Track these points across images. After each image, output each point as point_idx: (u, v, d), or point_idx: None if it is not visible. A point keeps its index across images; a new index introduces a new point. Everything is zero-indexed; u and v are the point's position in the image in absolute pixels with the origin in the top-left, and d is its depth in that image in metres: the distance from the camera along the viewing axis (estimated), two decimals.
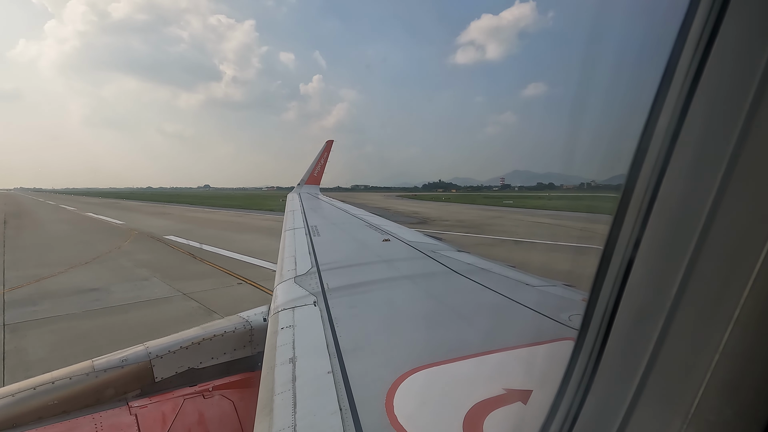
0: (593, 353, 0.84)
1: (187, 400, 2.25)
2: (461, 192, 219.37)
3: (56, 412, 2.06)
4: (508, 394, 1.53)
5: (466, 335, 2.14)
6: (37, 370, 3.84)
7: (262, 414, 1.52)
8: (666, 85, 0.69)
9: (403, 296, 2.92)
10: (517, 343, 2.01)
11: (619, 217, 0.79)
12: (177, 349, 2.46)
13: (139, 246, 20.02)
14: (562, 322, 2.20)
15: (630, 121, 0.77)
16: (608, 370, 0.81)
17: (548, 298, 2.79)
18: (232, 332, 2.70)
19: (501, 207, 49.50)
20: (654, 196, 0.71)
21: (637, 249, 0.74)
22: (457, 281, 3.20)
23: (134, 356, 2.35)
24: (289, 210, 8.98)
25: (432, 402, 1.53)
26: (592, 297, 0.85)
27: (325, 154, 17.72)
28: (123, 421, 2.07)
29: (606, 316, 0.81)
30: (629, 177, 0.75)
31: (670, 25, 0.66)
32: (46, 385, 2.10)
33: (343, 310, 2.47)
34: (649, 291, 0.73)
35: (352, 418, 1.41)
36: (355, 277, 3.32)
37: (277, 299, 2.81)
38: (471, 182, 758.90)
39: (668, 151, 0.69)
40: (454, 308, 2.57)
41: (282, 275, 3.42)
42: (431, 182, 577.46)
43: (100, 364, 2.26)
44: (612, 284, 0.80)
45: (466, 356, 1.84)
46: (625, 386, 0.74)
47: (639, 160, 0.73)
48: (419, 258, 4.09)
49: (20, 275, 13.70)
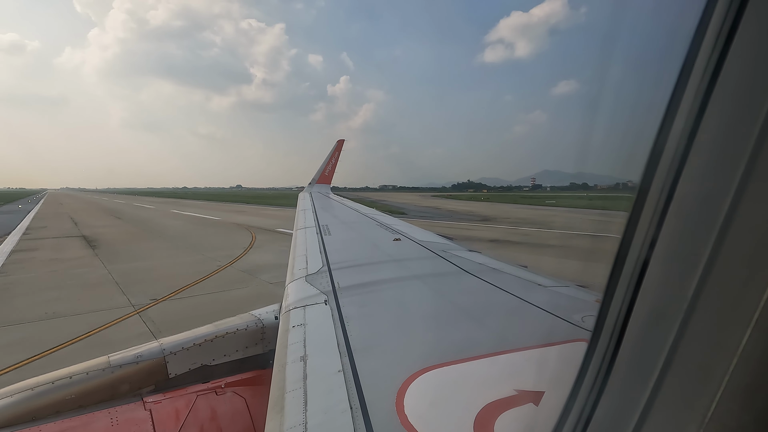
0: (607, 355, 0.82)
1: (200, 397, 2.29)
2: (493, 192, 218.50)
3: (73, 406, 2.11)
4: (520, 395, 1.52)
5: (477, 335, 2.13)
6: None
7: (274, 411, 1.54)
8: (686, 82, 0.68)
9: (414, 296, 2.91)
10: (529, 344, 1.99)
11: (633, 217, 0.77)
12: (190, 346, 2.50)
13: (268, 237, 22.66)
14: (575, 323, 2.17)
15: (647, 120, 0.76)
16: (622, 372, 0.79)
17: (561, 299, 2.76)
18: (245, 330, 2.72)
19: (545, 207, 48.90)
20: (670, 196, 0.70)
21: (652, 250, 0.73)
22: (468, 281, 3.18)
23: (149, 352, 2.40)
24: (301, 209, 9.03)
25: (443, 402, 1.53)
26: (605, 298, 0.84)
27: (336, 153, 17.76)
28: (138, 416, 2.11)
29: (620, 318, 0.80)
30: (644, 176, 0.74)
31: (703, 21, 0.64)
32: (64, 380, 2.15)
33: (353, 309, 2.48)
34: (664, 293, 0.72)
35: (362, 416, 1.41)
36: (366, 276, 3.32)
37: (288, 298, 2.83)
38: (499, 182, 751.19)
39: (685, 149, 0.67)
40: (464, 308, 2.56)
41: (293, 274, 3.44)
42: (460, 182, 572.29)
43: (115, 360, 2.31)
44: (626, 285, 0.79)
45: (477, 356, 1.83)
46: (640, 389, 0.73)
47: (654, 159, 0.72)
48: (430, 257, 4.07)
49: (221, 255, 16.33)
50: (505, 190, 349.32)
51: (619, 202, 0.78)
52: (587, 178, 4.01)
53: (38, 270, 14.62)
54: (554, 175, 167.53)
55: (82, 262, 16.02)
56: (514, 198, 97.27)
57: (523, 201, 74.63)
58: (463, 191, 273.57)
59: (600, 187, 1.80)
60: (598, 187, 2.54)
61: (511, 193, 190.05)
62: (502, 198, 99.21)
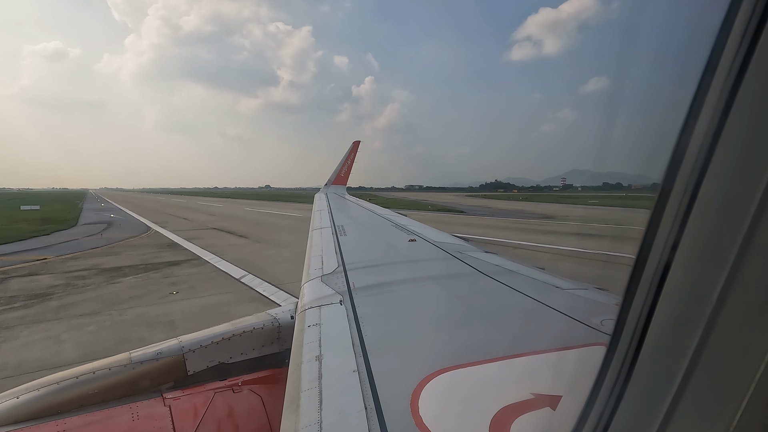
0: (626, 360, 0.80)
1: (217, 394, 2.33)
2: (524, 192, 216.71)
3: (96, 400, 2.17)
4: (536, 399, 1.49)
5: (493, 338, 2.11)
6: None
7: (289, 410, 1.55)
8: (711, 79, 0.66)
9: (429, 297, 2.90)
10: (546, 347, 1.96)
11: (655, 218, 0.75)
12: (208, 344, 2.54)
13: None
14: (593, 326, 2.13)
15: (672, 117, 0.74)
16: (642, 378, 0.77)
17: (579, 302, 2.71)
18: (261, 329, 2.76)
19: (591, 206, 48.42)
20: (694, 196, 0.68)
21: (674, 252, 0.71)
22: (484, 282, 3.15)
23: (168, 350, 2.45)
24: (317, 210, 9.10)
25: (458, 404, 1.52)
26: (625, 301, 0.82)
27: (352, 154, 17.85)
28: (157, 411, 2.15)
29: (640, 322, 0.78)
30: (666, 175, 0.72)
31: (730, 17, 0.62)
32: (87, 375, 2.22)
33: (368, 309, 2.48)
34: (688, 296, 0.70)
35: (377, 417, 1.41)
36: (381, 276, 3.33)
37: (304, 297, 2.86)
38: (526, 182, 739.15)
39: (710, 148, 0.65)
40: (480, 310, 2.53)
41: (309, 274, 3.47)
42: (488, 182, 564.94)
43: (136, 357, 2.37)
44: (647, 289, 0.77)
45: (492, 359, 1.81)
46: (661, 396, 0.71)
47: (677, 158, 0.70)
48: (445, 258, 4.05)
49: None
50: (535, 190, 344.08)
51: (651, 201, 0.76)
52: (618, 178, 3.90)
53: (239, 251, 16.97)
54: (583, 175, 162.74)
55: (257, 247, 18.12)
56: (551, 197, 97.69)
57: (563, 200, 74.93)
58: (492, 191, 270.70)
59: (634, 186, 1.75)
60: (632, 186, 2.47)
61: (542, 193, 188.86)
62: (538, 197, 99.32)
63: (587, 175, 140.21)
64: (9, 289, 11.86)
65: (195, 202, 72.43)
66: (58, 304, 10.37)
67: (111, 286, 12.18)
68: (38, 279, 13.23)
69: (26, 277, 13.61)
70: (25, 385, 2.18)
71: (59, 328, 8.52)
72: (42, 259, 16.69)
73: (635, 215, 0.84)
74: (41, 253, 18.05)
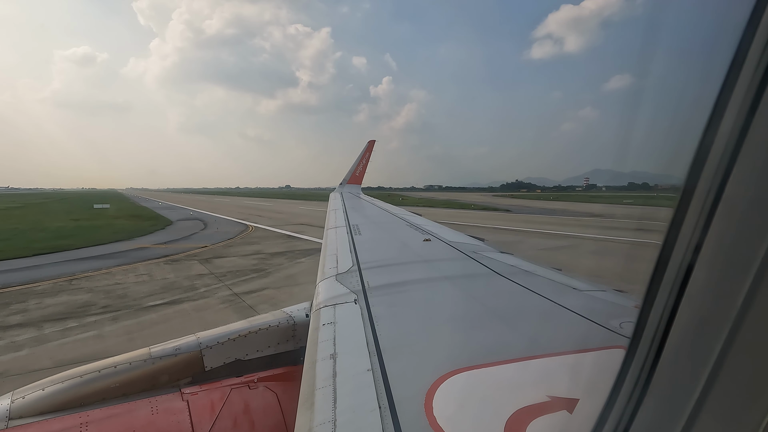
0: (646, 364, 0.79)
1: (233, 390, 2.36)
2: (547, 192, 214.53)
3: (117, 394, 2.23)
4: (553, 401, 1.47)
5: (509, 339, 2.08)
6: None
7: (304, 407, 1.57)
8: (737, 76, 0.64)
9: (444, 297, 2.89)
10: (563, 349, 1.93)
11: (677, 219, 0.73)
12: (225, 341, 2.59)
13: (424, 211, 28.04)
14: (612, 329, 2.09)
15: (693, 118, 0.72)
16: (663, 382, 0.76)
17: (597, 304, 2.66)
18: (276, 326, 2.79)
19: (627, 205, 48.43)
20: (718, 197, 0.66)
21: (697, 253, 0.69)
22: (500, 283, 3.12)
23: (186, 346, 2.50)
24: (332, 209, 9.14)
25: (472, 405, 1.51)
26: (646, 304, 0.80)
27: (366, 154, 17.86)
28: (176, 406, 2.20)
29: (662, 325, 0.76)
30: (689, 175, 0.70)
31: (756, 14, 0.60)
32: (109, 369, 2.28)
33: (383, 308, 2.48)
34: (710, 300, 0.68)
35: (390, 416, 1.41)
36: (396, 276, 3.33)
37: (319, 296, 2.88)
38: (546, 182, 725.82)
39: (735, 148, 0.63)
40: (496, 311, 2.51)
41: (324, 273, 3.49)
42: (509, 182, 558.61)
43: (156, 352, 2.43)
44: (668, 291, 0.75)
45: (508, 360, 1.79)
46: (682, 402, 0.69)
47: (700, 158, 0.68)
48: (460, 258, 4.03)
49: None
50: (558, 190, 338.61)
51: (674, 201, 0.74)
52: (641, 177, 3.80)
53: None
54: (605, 174, 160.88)
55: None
56: (580, 197, 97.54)
57: (593, 200, 75.06)
58: (514, 191, 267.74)
59: (661, 186, 1.70)
60: (659, 186, 2.40)
61: (566, 193, 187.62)
62: (566, 197, 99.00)
63: (609, 174, 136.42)
64: (224, 266, 15.05)
65: (242, 201, 75.03)
66: (286, 275, 13.58)
67: (299, 264, 15.03)
68: (233, 260, 16.11)
69: (220, 258, 16.55)
70: (51, 377, 2.25)
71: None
72: (204, 247, 19.73)
73: (669, 215, 0.83)
74: (186, 243, 21.35)
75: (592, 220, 33.68)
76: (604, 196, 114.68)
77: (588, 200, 76.75)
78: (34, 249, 19.46)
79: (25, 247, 20.09)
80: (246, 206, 58.38)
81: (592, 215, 39.51)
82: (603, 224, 26.93)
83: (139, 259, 17.19)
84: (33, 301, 11.13)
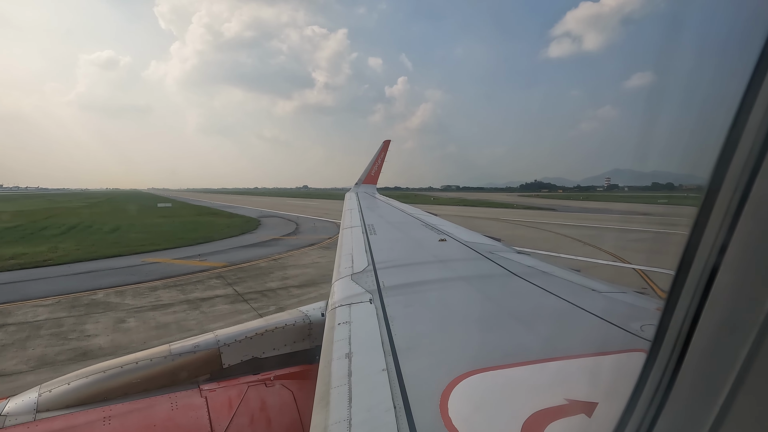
0: (668, 368, 0.77)
1: (251, 387, 2.39)
2: (568, 192, 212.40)
3: (139, 389, 2.29)
4: (571, 404, 1.45)
5: (526, 340, 2.06)
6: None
7: (320, 406, 1.58)
8: (765, 73, 0.61)
9: (460, 297, 2.87)
10: (581, 351, 1.89)
11: (701, 219, 0.71)
12: (242, 339, 2.63)
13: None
14: (632, 332, 2.04)
15: (717, 116, 0.69)
16: (686, 388, 0.73)
17: (617, 306, 2.60)
18: (293, 325, 2.82)
19: (662, 204, 48.59)
20: (744, 197, 0.64)
21: (723, 255, 0.67)
22: (517, 284, 3.09)
23: (205, 343, 2.55)
24: (347, 209, 9.18)
25: (488, 407, 1.50)
26: (668, 306, 0.78)
27: (382, 154, 17.87)
28: (195, 402, 2.24)
29: (684, 328, 0.74)
30: (714, 175, 0.68)
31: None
32: (131, 365, 2.35)
33: (398, 308, 2.48)
34: (737, 302, 0.66)
35: (406, 416, 1.41)
36: (411, 276, 3.32)
37: (334, 295, 2.89)
38: (563, 182, 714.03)
39: (762, 146, 0.61)
40: (512, 312, 2.48)
41: (339, 272, 3.51)
42: (528, 183, 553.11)
43: (176, 349, 2.48)
44: (692, 293, 0.73)
45: (525, 362, 1.77)
46: (706, 408, 0.67)
47: (726, 157, 0.66)
48: (476, 259, 4.00)
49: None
50: (580, 190, 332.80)
51: (698, 201, 0.72)
52: (663, 177, 3.69)
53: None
54: (625, 174, 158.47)
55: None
56: (607, 197, 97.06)
57: (621, 200, 74.31)
58: (535, 191, 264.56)
59: (685, 186, 1.66)
60: (683, 186, 2.33)
61: (589, 192, 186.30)
62: (594, 197, 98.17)
63: (629, 174, 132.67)
64: None
65: (287, 201, 77.47)
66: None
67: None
68: None
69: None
70: (76, 372, 2.33)
71: None
72: (329, 238, 22.73)
73: (693, 215, 0.82)
74: (309, 236, 23.78)
75: (646, 218, 34.09)
76: (624, 196, 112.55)
77: (615, 200, 75.73)
78: (183, 241, 22.43)
79: (169, 239, 22.87)
80: (298, 205, 60.32)
81: (638, 213, 40.34)
82: (664, 222, 27.45)
83: (295, 247, 20.23)
84: (278, 273, 14.58)
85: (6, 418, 2.02)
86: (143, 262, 16.90)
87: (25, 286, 13.24)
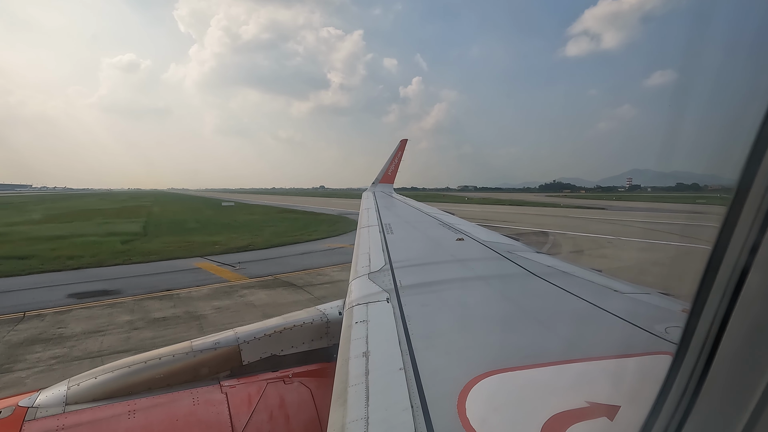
0: (695, 372, 0.74)
1: (269, 384, 2.43)
2: (590, 193, 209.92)
3: (162, 384, 2.36)
4: (592, 407, 1.42)
5: (545, 342, 2.03)
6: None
7: (337, 404, 1.59)
8: None
9: (477, 297, 2.84)
10: (603, 353, 1.85)
11: (731, 219, 0.69)
12: (261, 336, 2.67)
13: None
14: (657, 334, 1.99)
15: (745, 114, 0.67)
16: (714, 393, 0.71)
17: (641, 307, 2.54)
18: (311, 323, 2.85)
19: (701, 204, 48.80)
20: None
21: (753, 255, 0.65)
22: (536, 284, 3.04)
23: (225, 340, 2.60)
24: (364, 208, 9.21)
25: (507, 408, 1.48)
26: (695, 308, 0.76)
27: (399, 153, 17.85)
28: (215, 398, 2.29)
29: (713, 331, 0.72)
30: (743, 174, 0.66)
31: None
32: (154, 360, 2.42)
33: (415, 308, 2.48)
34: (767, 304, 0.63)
35: (423, 416, 1.41)
36: (428, 275, 3.31)
37: (351, 294, 2.91)
38: (582, 182, 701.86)
39: None
40: (531, 312, 2.45)
41: (356, 271, 3.53)
42: (547, 183, 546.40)
43: (197, 345, 2.54)
44: (721, 295, 0.70)
45: (544, 364, 1.74)
46: (735, 413, 0.65)
47: (756, 156, 0.64)
48: (494, 258, 3.95)
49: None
50: (601, 190, 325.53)
51: (727, 202, 0.70)
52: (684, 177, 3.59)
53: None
54: (644, 174, 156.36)
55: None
56: (636, 197, 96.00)
57: (652, 200, 73.30)
58: (556, 192, 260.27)
59: (711, 187, 1.60)
60: (708, 187, 2.27)
61: (611, 193, 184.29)
62: (623, 197, 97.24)
63: (649, 174, 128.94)
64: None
65: (330, 201, 78.80)
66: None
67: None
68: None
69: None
70: (102, 366, 2.41)
71: None
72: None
73: (721, 216, 0.80)
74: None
75: (702, 216, 36.41)
76: (654, 196, 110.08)
77: (645, 200, 74.87)
78: (328, 232, 24.74)
79: (317, 231, 25.26)
80: (344, 204, 61.90)
81: (687, 212, 42.49)
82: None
83: None
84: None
85: (37, 409, 2.10)
86: (328, 248, 20.28)
87: (288, 260, 17.33)
